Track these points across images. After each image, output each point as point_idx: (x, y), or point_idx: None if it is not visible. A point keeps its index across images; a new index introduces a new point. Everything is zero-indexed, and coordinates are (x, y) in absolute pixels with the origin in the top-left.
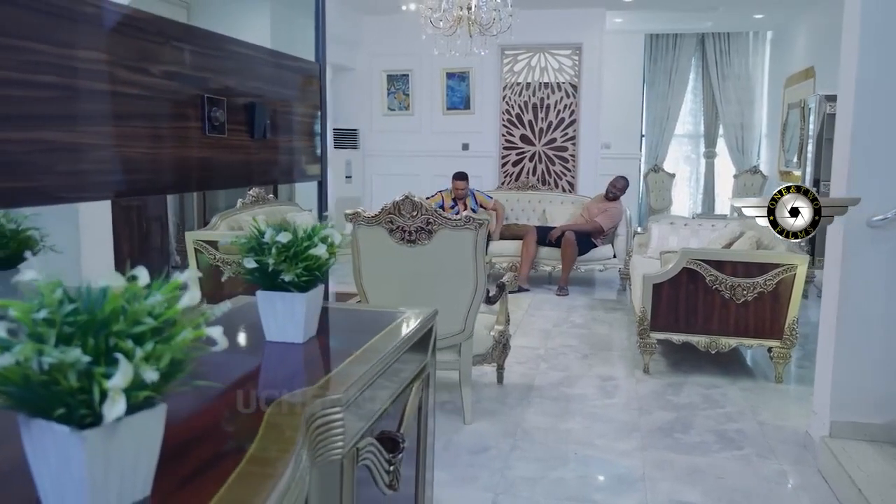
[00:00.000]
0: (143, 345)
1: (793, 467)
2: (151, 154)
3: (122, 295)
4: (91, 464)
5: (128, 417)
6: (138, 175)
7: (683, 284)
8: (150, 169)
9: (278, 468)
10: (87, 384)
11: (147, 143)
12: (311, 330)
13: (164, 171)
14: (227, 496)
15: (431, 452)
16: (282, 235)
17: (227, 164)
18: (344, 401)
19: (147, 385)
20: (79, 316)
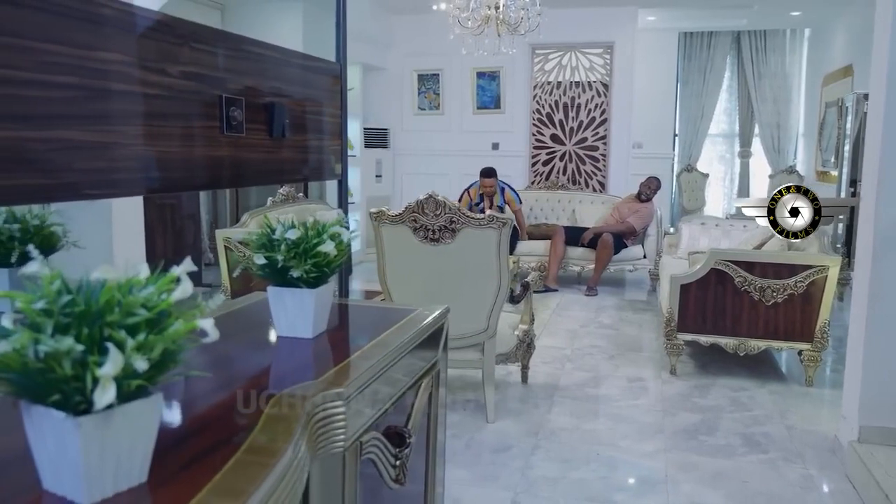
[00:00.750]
0: (136, 335)
1: (820, 472)
2: (169, 152)
3: (117, 287)
4: (86, 449)
5: (123, 406)
6: (155, 173)
7: (711, 285)
8: (167, 167)
9: (274, 458)
10: (80, 372)
11: (164, 142)
12: (322, 325)
13: (181, 169)
14: (220, 483)
15: (442, 449)
16: (291, 232)
17: (244, 162)
18: (346, 395)
19: (139, 374)
20: (75, 307)
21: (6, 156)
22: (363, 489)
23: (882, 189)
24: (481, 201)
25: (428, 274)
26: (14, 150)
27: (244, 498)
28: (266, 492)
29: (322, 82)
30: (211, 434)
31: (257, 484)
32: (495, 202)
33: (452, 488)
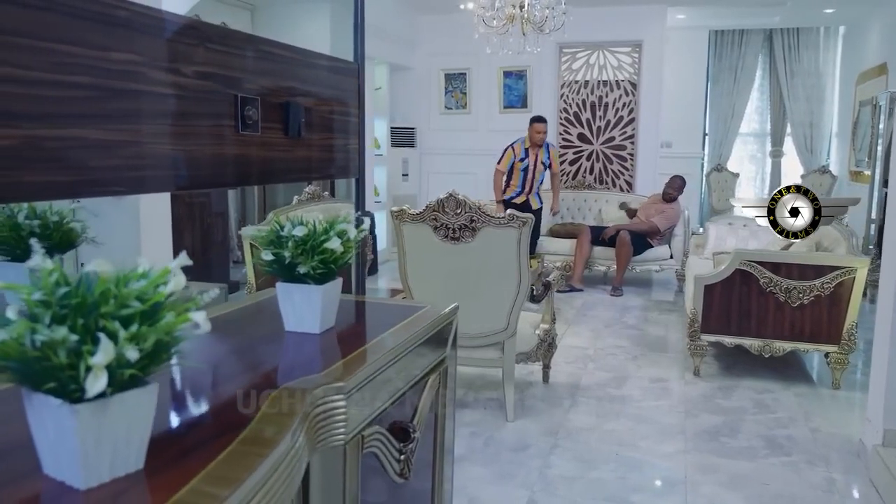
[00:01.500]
0: (129, 326)
1: (843, 476)
2: (184, 151)
3: (114, 280)
4: (83, 435)
5: (119, 394)
6: (169, 171)
7: (736, 286)
8: (182, 165)
9: (268, 448)
10: (75, 361)
11: (179, 141)
12: (329, 321)
13: (197, 167)
14: (214, 471)
15: (451, 445)
16: (298, 229)
17: (260, 160)
18: (347, 389)
19: (132, 364)
20: (72, 298)
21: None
22: (368, 483)
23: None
24: (526, 156)
25: (448, 272)
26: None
27: (235, 485)
28: (258, 480)
29: (340, 82)
30: (211, 425)
31: (249, 472)
32: (541, 157)
33: (470, 486)
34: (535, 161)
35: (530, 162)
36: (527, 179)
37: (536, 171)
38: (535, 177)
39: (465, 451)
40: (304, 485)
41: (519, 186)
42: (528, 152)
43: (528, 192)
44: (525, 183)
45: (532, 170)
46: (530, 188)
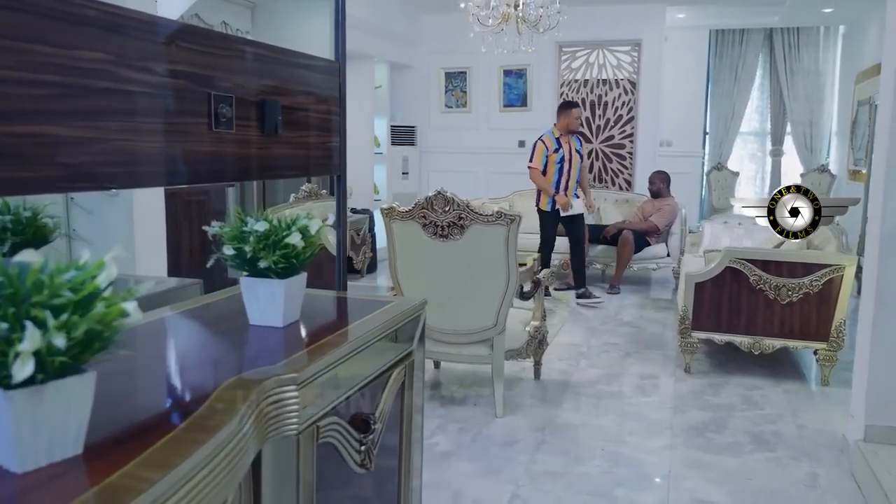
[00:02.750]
0: (60, 315)
1: (826, 471)
2: (153, 148)
3: (46, 270)
4: (17, 420)
5: (55, 382)
6: (139, 167)
7: (726, 284)
8: (152, 161)
9: (207, 436)
10: (6, 348)
11: (149, 137)
12: (293, 315)
13: (167, 164)
14: (150, 456)
15: (419, 436)
16: (259, 224)
17: (235, 157)
18: (300, 380)
19: (62, 351)
20: (5, 288)
21: None
22: (330, 473)
23: (889, 188)
24: (560, 147)
25: (437, 269)
26: None
27: (168, 470)
28: (194, 466)
29: (320, 80)
30: (160, 413)
31: (184, 458)
32: (573, 146)
33: (455, 481)
34: (570, 151)
35: (565, 153)
36: (562, 174)
37: (573, 162)
38: (573, 170)
39: (452, 447)
40: (256, 473)
41: (555, 185)
42: (560, 143)
43: (565, 189)
44: (562, 179)
45: (568, 161)
46: (567, 184)
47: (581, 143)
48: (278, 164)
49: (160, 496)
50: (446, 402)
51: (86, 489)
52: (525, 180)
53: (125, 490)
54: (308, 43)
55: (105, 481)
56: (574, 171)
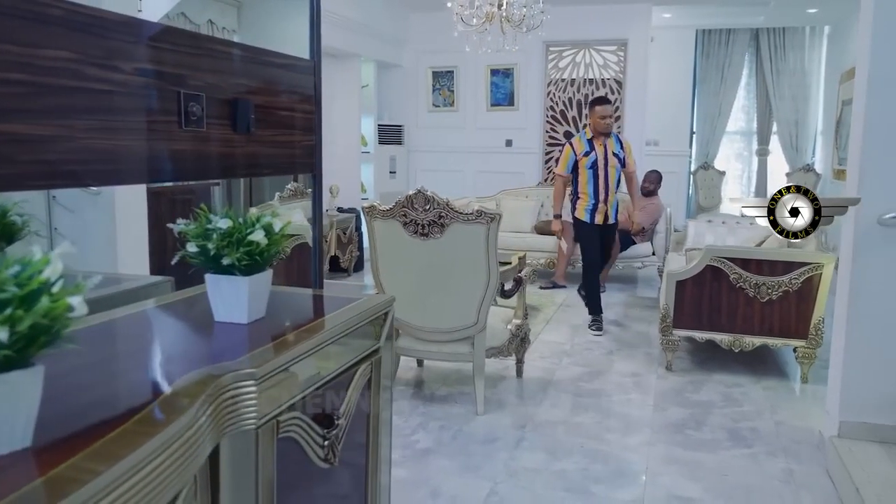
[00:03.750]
0: (4, 310)
1: (801, 467)
2: (122, 145)
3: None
4: None
5: (1, 375)
6: (105, 165)
7: (707, 282)
8: (118, 159)
9: (157, 429)
10: None
11: (115, 135)
12: (259, 312)
13: (137, 161)
14: (99, 448)
15: (387, 431)
16: (222, 222)
17: (206, 156)
18: (259, 375)
19: (5, 345)
20: None
21: None
22: (294, 468)
23: (863, 185)
24: (592, 149)
25: (418, 268)
26: None
27: (114, 462)
28: (142, 458)
29: (295, 79)
30: (112, 408)
31: (132, 450)
32: (611, 148)
33: (434, 478)
34: (606, 154)
35: (598, 156)
36: (599, 180)
37: (609, 167)
38: (610, 176)
39: (432, 445)
40: (215, 466)
41: (592, 195)
42: (592, 144)
43: (605, 200)
44: (598, 186)
45: (604, 166)
46: (606, 193)
47: (622, 146)
48: (252, 163)
49: (105, 487)
50: (428, 400)
51: (31, 480)
52: (512, 179)
53: (70, 481)
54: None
55: (50, 473)
56: (613, 178)
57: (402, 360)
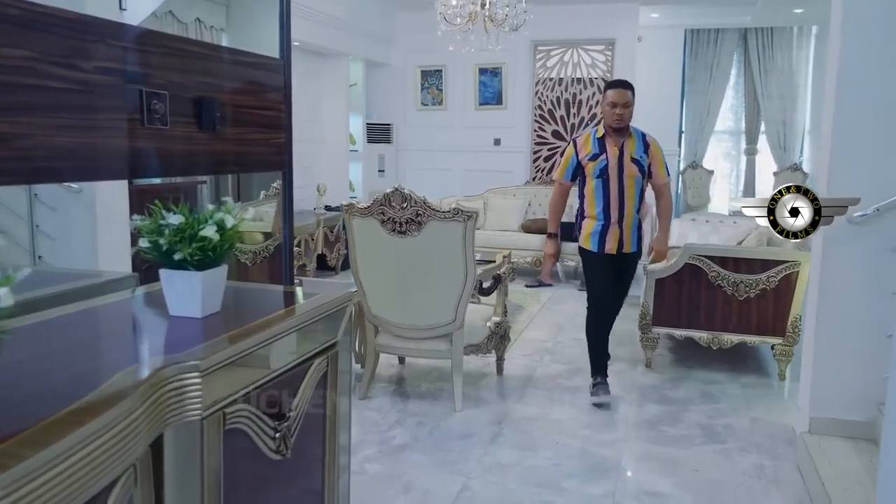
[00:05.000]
0: None
1: (772, 462)
2: (82, 143)
3: None
4: None
5: None
6: (68, 162)
7: (686, 280)
8: (78, 156)
9: (90, 418)
10: None
11: (77, 133)
12: (213, 306)
13: (97, 158)
14: (31, 435)
15: (346, 424)
16: (174, 218)
17: (170, 153)
18: (203, 367)
19: None
20: None
21: None
22: (247, 459)
23: (832, 184)
24: (602, 151)
25: (396, 265)
26: None
27: (42, 448)
28: (70, 445)
29: (263, 78)
30: (51, 398)
31: (61, 437)
32: (630, 151)
33: (408, 473)
34: (621, 159)
35: (610, 160)
36: (610, 194)
37: (626, 176)
38: (627, 188)
39: (409, 440)
40: (159, 456)
41: (600, 213)
42: (602, 144)
43: (619, 221)
44: (609, 201)
45: (617, 175)
46: (620, 212)
47: (646, 149)
48: (219, 160)
49: (32, 472)
50: (408, 397)
51: None
52: (500, 178)
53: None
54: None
55: None
56: (631, 190)
57: (384, 358)
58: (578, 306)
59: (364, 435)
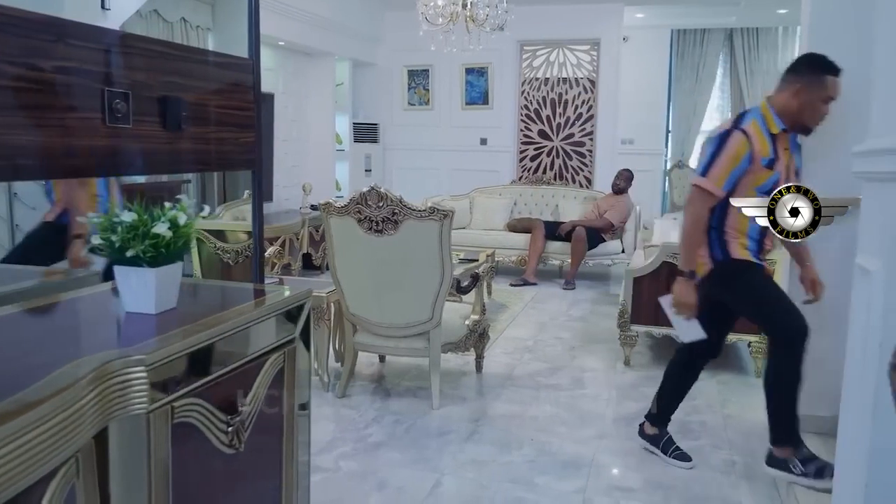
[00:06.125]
0: None
1: (743, 458)
2: (38, 141)
3: None
4: None
5: None
6: (21, 160)
7: (663, 278)
8: (37, 155)
9: (26, 410)
10: None
11: (34, 132)
12: (168, 303)
13: (55, 157)
14: None
15: (306, 420)
16: (126, 215)
17: (133, 152)
18: (149, 362)
19: None
20: None
21: None
22: (201, 453)
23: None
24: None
25: (373, 264)
26: None
27: None
28: (5, 435)
29: (230, 78)
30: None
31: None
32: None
33: (382, 470)
34: (788, 169)
35: (781, 170)
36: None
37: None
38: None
39: (385, 438)
40: (105, 448)
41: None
42: (776, 146)
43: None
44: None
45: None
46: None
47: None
48: (185, 159)
49: None
50: (387, 395)
51: None
52: (487, 177)
53: None
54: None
55: None
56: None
57: (365, 356)
58: (563, 305)
59: (340, 433)
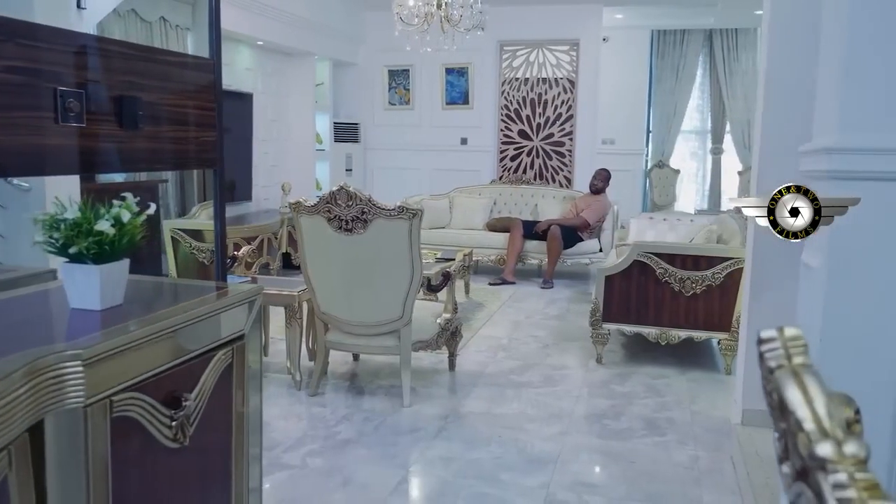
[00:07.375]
0: None
1: (708, 453)
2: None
3: None
4: None
5: None
6: None
7: (635, 277)
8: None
9: None
10: None
11: None
12: (114, 299)
13: (4, 156)
14: None
15: (257, 415)
16: (69, 212)
17: (86, 151)
18: (86, 356)
19: None
20: None
21: None
22: (146, 448)
23: (761, 185)
24: None
25: (344, 263)
26: None
27: None
28: None
29: (192, 77)
30: None
31: None
32: None
33: (348, 467)
34: None
35: None
36: None
37: None
38: None
39: (354, 435)
40: (40, 442)
41: None
42: None
43: None
44: None
45: None
46: None
47: None
48: (143, 158)
49: None
50: (359, 394)
51: None
52: (468, 177)
53: None
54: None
55: None
56: None
57: (339, 355)
58: (539, 304)
59: (310, 430)
